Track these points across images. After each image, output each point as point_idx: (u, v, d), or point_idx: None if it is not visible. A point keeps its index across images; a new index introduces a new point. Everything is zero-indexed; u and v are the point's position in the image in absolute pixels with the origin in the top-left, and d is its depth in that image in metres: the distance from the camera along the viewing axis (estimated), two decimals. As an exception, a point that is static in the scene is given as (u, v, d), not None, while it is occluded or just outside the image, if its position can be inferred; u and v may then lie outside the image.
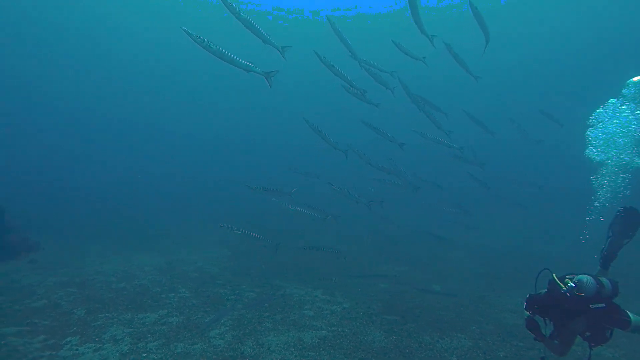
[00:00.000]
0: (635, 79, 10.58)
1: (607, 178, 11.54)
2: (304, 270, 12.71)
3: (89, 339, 7.10)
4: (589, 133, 12.02)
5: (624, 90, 11.20)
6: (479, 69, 12.35)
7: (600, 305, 4.37)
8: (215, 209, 24.91)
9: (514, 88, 42.32)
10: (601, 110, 11.91)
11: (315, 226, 15.32)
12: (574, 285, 4.35)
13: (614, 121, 11.42)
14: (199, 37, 6.55)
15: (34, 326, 7.51)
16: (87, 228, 18.35)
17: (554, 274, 4.60)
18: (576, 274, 4.59)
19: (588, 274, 4.58)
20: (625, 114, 11.02)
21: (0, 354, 6.39)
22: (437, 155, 15.11)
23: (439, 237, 17.25)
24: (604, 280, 4.55)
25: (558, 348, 4.52)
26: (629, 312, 4.54)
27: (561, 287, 4.41)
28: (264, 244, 10.09)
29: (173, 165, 44.48)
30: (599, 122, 11.66)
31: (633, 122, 10.89)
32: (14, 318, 7.81)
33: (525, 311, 4.62)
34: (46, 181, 31.24)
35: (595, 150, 12.20)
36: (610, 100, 11.66)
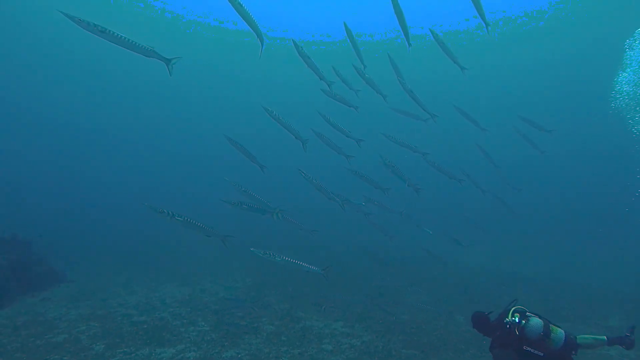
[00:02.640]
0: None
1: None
2: (325, 300, 12.42)
3: (106, 376, 7.12)
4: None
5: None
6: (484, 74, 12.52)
7: (536, 352, 4.31)
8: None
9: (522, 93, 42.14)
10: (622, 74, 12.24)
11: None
12: (517, 321, 4.47)
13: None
14: (80, 20, 5.73)
15: (54, 362, 7.61)
16: (107, 251, 18.58)
17: (516, 307, 4.72)
18: (540, 316, 4.58)
19: (544, 320, 4.47)
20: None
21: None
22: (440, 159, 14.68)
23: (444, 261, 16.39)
24: (558, 333, 4.37)
25: None
26: None
27: (508, 317, 4.59)
28: (207, 234, 9.58)
29: (178, 174, 44.37)
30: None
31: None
32: (34, 354, 7.92)
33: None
34: (57, 204, 31.01)
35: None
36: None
